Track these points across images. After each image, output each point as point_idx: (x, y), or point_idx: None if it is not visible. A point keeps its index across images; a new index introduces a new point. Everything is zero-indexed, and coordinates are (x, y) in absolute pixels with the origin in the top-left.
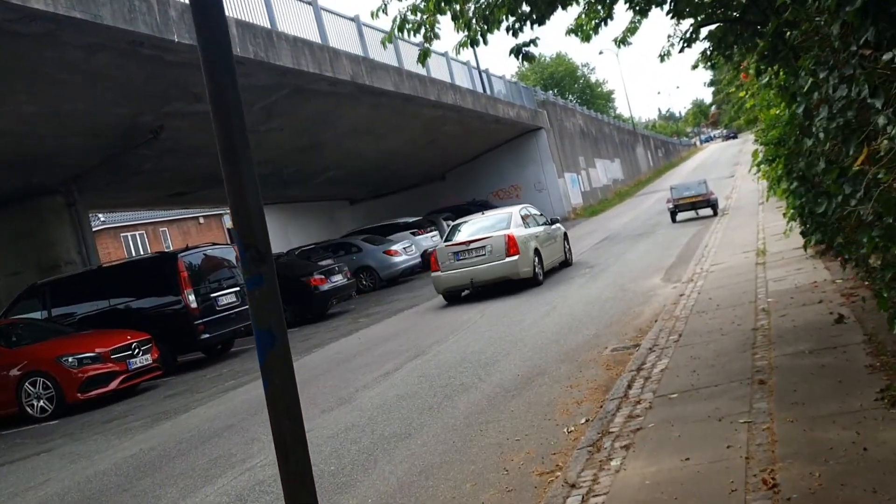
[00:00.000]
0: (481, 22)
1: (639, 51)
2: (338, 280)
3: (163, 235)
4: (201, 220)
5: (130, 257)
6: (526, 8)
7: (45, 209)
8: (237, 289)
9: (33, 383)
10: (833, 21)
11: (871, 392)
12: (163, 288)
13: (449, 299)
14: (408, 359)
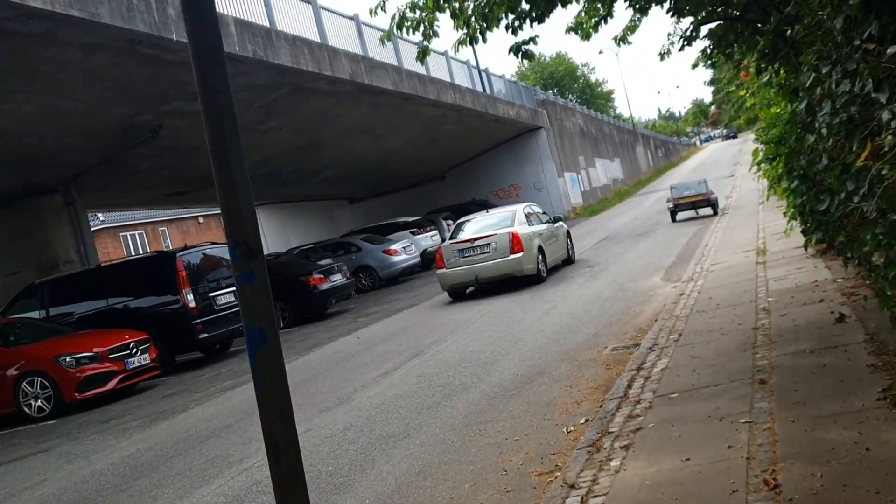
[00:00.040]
0: (480, 20)
1: (638, 50)
2: (337, 279)
3: (162, 235)
4: (201, 220)
5: (129, 257)
6: (526, 6)
7: (44, 208)
8: (236, 288)
9: (31, 383)
10: (836, 15)
11: (873, 392)
12: (161, 287)
13: (454, 296)
14: (407, 358)
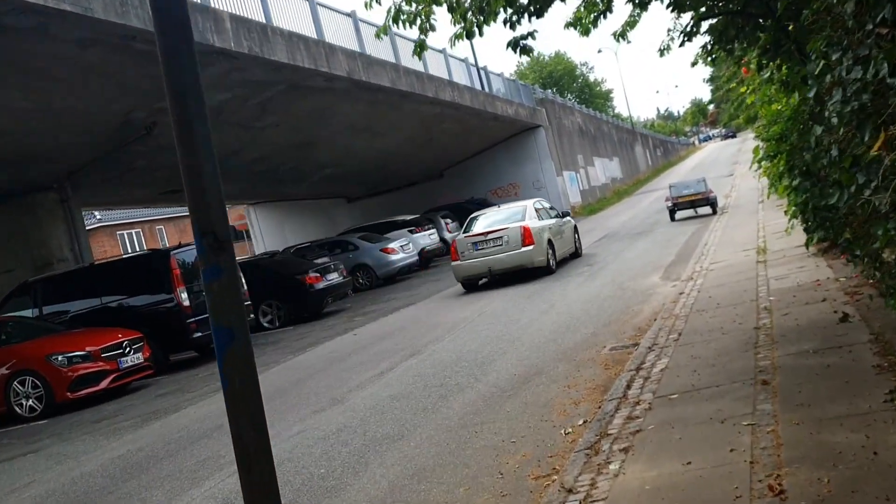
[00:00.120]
0: (478, 13)
1: (637, 48)
2: (333, 278)
3: (159, 233)
4: None
5: (123, 255)
6: (524, 0)
7: (39, 206)
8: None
9: (22, 382)
10: None
11: (880, 393)
12: (155, 286)
13: (467, 287)
14: (403, 358)
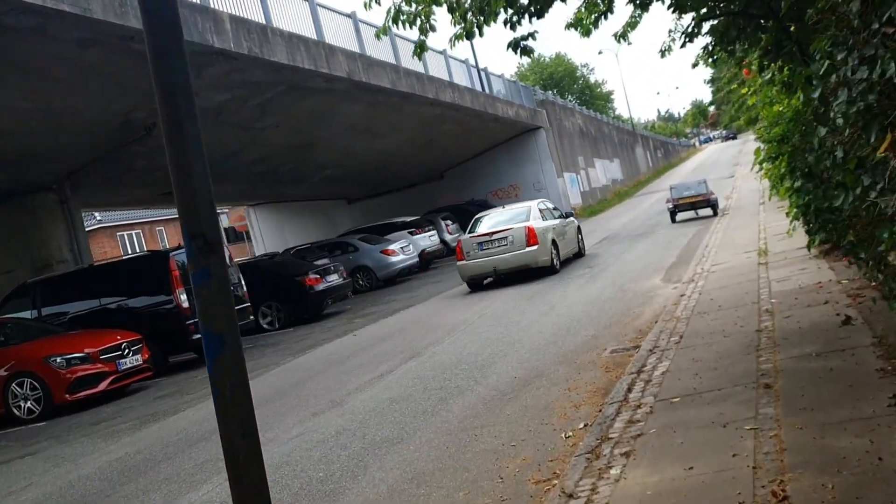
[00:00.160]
0: (478, 14)
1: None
2: (333, 280)
3: (159, 234)
4: None
5: (122, 256)
6: (524, 0)
7: (38, 207)
8: (231, 288)
9: (20, 384)
10: None
11: (884, 397)
12: (154, 287)
13: (472, 286)
14: (402, 360)
